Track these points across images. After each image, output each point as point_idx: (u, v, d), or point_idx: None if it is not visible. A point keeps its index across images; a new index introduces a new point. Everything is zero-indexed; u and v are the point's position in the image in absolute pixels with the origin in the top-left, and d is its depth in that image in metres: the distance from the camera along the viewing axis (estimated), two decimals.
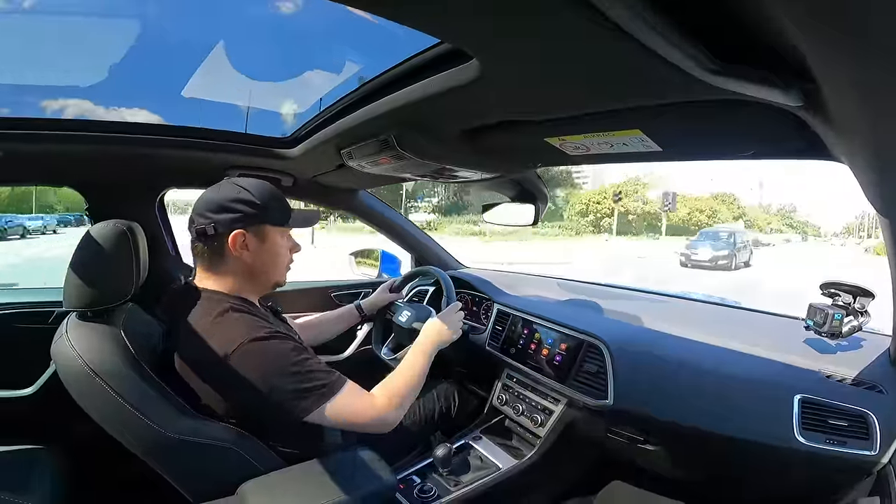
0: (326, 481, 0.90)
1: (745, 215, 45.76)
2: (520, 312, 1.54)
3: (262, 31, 1.10)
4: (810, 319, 1.08)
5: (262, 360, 0.86)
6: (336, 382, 0.92)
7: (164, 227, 1.58)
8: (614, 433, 1.21)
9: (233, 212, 0.95)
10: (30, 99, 1.19)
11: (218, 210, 0.94)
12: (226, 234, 0.94)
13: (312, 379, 0.89)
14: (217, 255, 0.97)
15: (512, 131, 0.90)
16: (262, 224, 0.98)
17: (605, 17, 0.40)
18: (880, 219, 0.74)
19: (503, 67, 0.61)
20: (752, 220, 47.28)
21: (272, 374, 0.86)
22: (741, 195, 52.12)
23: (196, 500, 0.87)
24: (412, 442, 1.44)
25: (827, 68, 0.42)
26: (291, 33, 1.14)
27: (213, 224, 0.94)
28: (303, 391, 0.87)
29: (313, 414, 0.88)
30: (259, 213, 0.97)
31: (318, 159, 1.35)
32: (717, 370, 1.10)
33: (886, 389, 0.95)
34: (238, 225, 0.95)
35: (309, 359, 0.91)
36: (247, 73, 1.19)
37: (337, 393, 0.90)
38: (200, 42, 1.17)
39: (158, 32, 1.05)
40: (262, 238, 0.99)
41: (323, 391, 0.89)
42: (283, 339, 0.91)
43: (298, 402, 0.87)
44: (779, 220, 54.61)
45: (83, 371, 0.81)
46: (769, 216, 54.68)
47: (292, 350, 0.90)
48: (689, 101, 0.62)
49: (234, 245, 0.95)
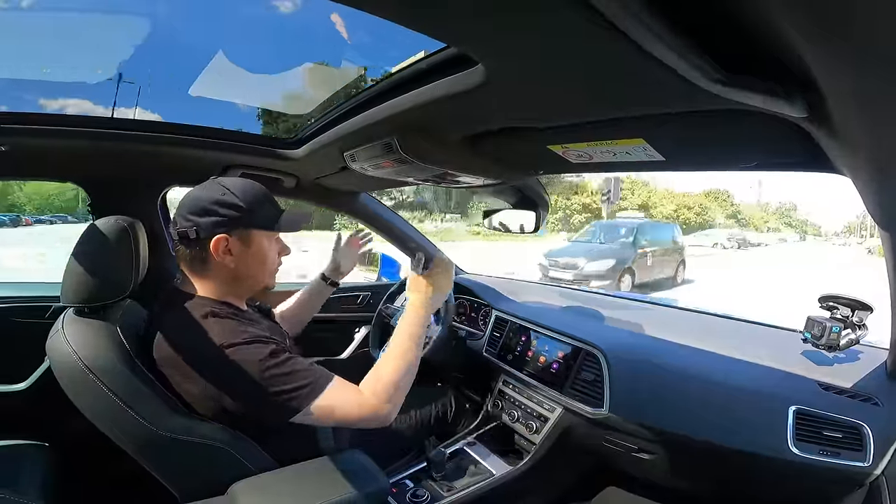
0: (318, 483, 0.90)
1: (739, 213, 44.41)
2: (518, 319, 1.54)
3: (265, 31, 1.11)
4: (808, 332, 1.09)
5: (242, 366, 0.83)
6: (319, 381, 0.87)
7: (166, 225, 1.58)
8: (610, 442, 1.20)
9: (215, 215, 0.90)
10: (34, 95, 1.19)
11: (200, 213, 0.89)
12: (208, 239, 0.89)
13: (295, 379, 0.85)
14: (200, 260, 0.92)
15: (515, 138, 0.90)
16: (246, 228, 0.93)
17: (610, 24, 0.40)
18: (881, 232, 0.75)
19: (508, 73, 0.62)
20: (747, 218, 45.59)
21: (251, 378, 0.83)
22: (740, 193, 50.76)
23: (186, 499, 0.86)
24: (406, 445, 1.43)
25: (832, 79, 0.42)
26: (295, 33, 1.15)
27: (196, 228, 0.89)
28: (285, 392, 0.84)
29: (300, 415, 0.85)
30: (244, 217, 0.92)
31: (321, 161, 1.36)
32: (714, 381, 1.10)
33: (882, 402, 0.95)
34: (220, 230, 0.90)
35: (289, 360, 0.87)
36: (252, 72, 1.19)
37: (322, 391, 0.86)
38: (206, 42, 1.18)
39: (167, 31, 1.06)
40: (247, 243, 0.94)
41: (306, 391, 0.85)
42: (265, 343, 0.87)
43: (283, 404, 0.84)
44: (777, 219, 52.44)
45: (77, 367, 0.81)
46: (767, 215, 52.22)
47: (272, 354, 0.86)
48: (693, 111, 0.63)
49: (216, 250, 0.90)
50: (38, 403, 1.27)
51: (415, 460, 1.36)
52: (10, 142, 1.14)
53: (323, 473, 0.92)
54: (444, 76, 0.70)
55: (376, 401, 0.91)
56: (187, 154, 1.36)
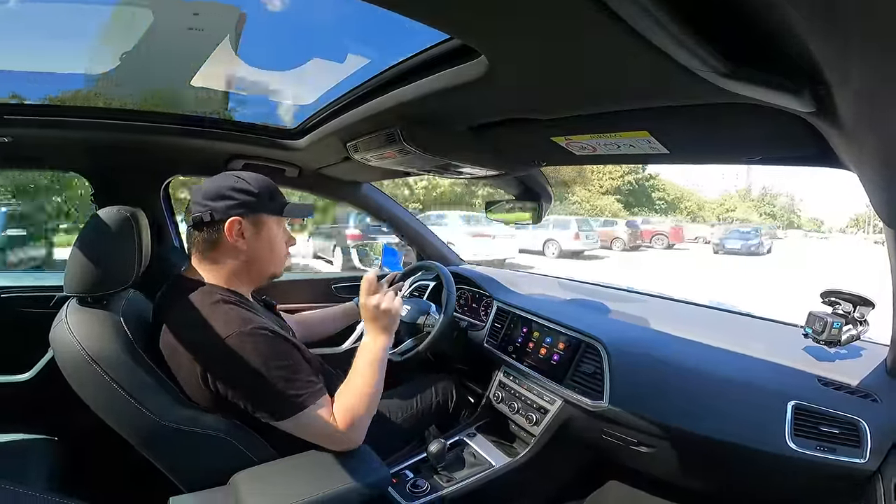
0: (319, 473, 0.90)
1: (678, 199, 35.82)
2: (519, 311, 1.54)
3: (269, 20, 1.10)
4: (809, 327, 1.08)
5: (247, 355, 0.85)
6: (314, 394, 0.90)
7: (168, 215, 1.58)
8: (609, 435, 1.21)
9: (230, 199, 0.94)
10: (35, 86, 1.19)
11: (215, 198, 0.94)
12: (222, 221, 0.94)
13: (293, 383, 0.88)
14: (213, 244, 0.96)
15: (518, 129, 0.90)
16: (258, 213, 0.98)
17: (615, 15, 0.40)
18: (885, 228, 0.74)
19: (511, 65, 0.61)
20: (694, 206, 37.54)
21: (255, 369, 0.85)
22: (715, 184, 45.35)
23: (187, 489, 0.87)
24: (407, 436, 1.44)
25: (840, 72, 0.42)
26: (298, 23, 1.14)
27: (210, 211, 0.93)
28: (281, 394, 0.86)
29: (287, 421, 0.88)
30: (256, 202, 0.97)
31: (323, 151, 1.35)
32: (714, 374, 1.10)
33: (881, 398, 0.95)
34: (235, 212, 0.94)
35: (292, 364, 0.90)
36: (255, 64, 1.18)
37: (312, 404, 0.89)
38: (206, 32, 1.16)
39: (169, 20, 1.05)
40: (258, 227, 0.98)
41: (302, 399, 0.88)
42: (273, 336, 0.89)
43: (274, 406, 0.87)
44: (753, 208, 43.43)
45: (80, 357, 0.81)
46: (734, 201, 42.77)
47: (279, 348, 0.89)
48: (699, 103, 0.62)
49: (230, 233, 0.94)
50: (43, 393, 1.28)
51: (415, 451, 1.37)
52: (12, 133, 1.14)
53: (323, 463, 0.92)
54: (447, 67, 0.70)
55: (348, 435, 0.93)
56: (190, 144, 1.36)
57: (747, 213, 41.12)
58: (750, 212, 42.06)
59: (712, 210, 40.40)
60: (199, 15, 1.00)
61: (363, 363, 1.00)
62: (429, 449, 1.27)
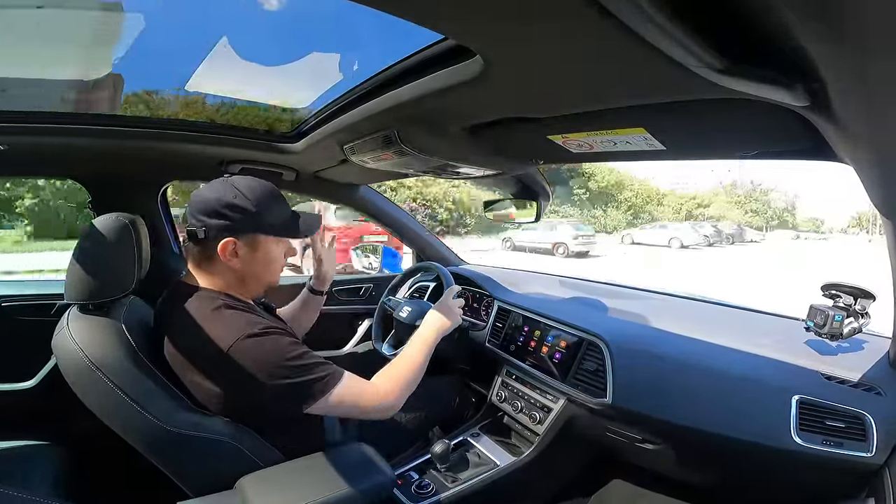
0: (325, 476, 0.91)
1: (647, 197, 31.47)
2: (520, 309, 1.54)
3: (263, 22, 1.10)
4: (811, 320, 1.08)
5: (261, 356, 0.85)
6: (335, 374, 0.91)
7: (167, 220, 1.58)
8: (613, 432, 1.21)
9: (224, 218, 0.90)
10: (31, 93, 1.18)
11: (210, 214, 0.90)
12: (216, 240, 0.91)
13: (312, 371, 0.88)
14: (208, 258, 0.94)
15: (515, 128, 0.90)
16: (254, 233, 0.94)
17: (608, 13, 0.40)
18: (883, 220, 0.74)
19: (506, 64, 0.61)
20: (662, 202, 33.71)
21: (271, 368, 0.85)
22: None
23: (194, 494, 0.87)
24: (411, 437, 1.44)
25: (833, 68, 0.42)
26: (292, 25, 1.14)
27: (204, 228, 0.90)
28: (303, 384, 0.86)
29: (317, 404, 0.88)
30: (252, 222, 0.93)
31: (320, 154, 1.35)
32: (717, 370, 1.10)
33: (885, 391, 0.94)
34: (227, 234, 0.91)
35: (306, 353, 0.90)
36: (250, 67, 1.18)
37: (337, 384, 0.90)
38: (201, 35, 1.16)
39: (163, 25, 1.05)
40: (254, 247, 0.95)
41: (323, 383, 0.88)
42: (280, 333, 0.89)
43: (300, 394, 0.87)
44: (737, 205, 37.90)
45: (83, 364, 0.81)
46: (710, 198, 37.38)
47: (290, 344, 0.89)
48: (694, 99, 0.62)
49: (223, 252, 0.91)
50: (46, 400, 1.28)
51: (420, 452, 1.38)
52: (9, 140, 1.14)
53: (329, 466, 0.93)
54: (442, 67, 0.70)
55: (388, 387, 0.99)
56: (187, 150, 1.36)
57: (725, 210, 35.70)
58: (730, 208, 36.78)
59: (680, 205, 35.23)
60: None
61: (418, 339, 1.13)
62: (433, 450, 1.27)
